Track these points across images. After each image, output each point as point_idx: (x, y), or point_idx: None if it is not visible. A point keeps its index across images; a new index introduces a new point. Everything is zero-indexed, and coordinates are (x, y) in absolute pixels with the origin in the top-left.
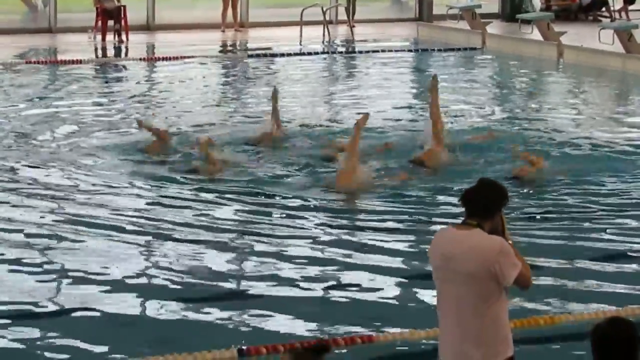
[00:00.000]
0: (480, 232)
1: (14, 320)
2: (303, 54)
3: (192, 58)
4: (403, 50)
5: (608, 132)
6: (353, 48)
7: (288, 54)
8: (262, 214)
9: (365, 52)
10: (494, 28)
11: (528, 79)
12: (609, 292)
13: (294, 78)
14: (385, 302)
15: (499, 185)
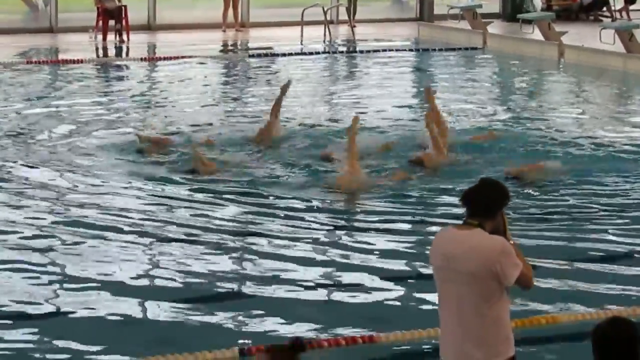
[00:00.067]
0: (482, 232)
1: (13, 322)
2: (304, 54)
3: (192, 58)
4: (404, 50)
5: (609, 132)
6: (354, 48)
7: (289, 54)
8: (262, 215)
9: (366, 52)
10: (495, 28)
11: (529, 79)
12: (610, 292)
13: (295, 78)
14: (386, 302)
15: (501, 185)
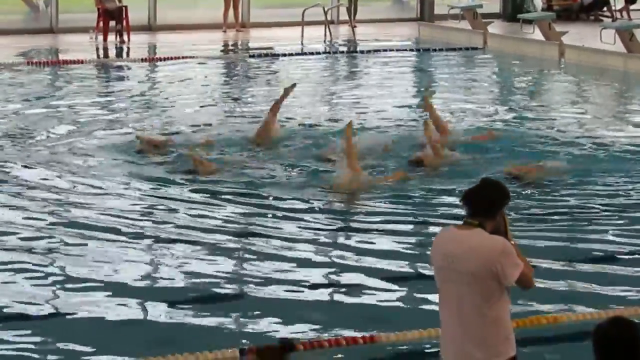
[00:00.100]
0: (482, 232)
1: (13, 324)
2: (304, 54)
3: (193, 58)
4: (404, 50)
5: (610, 132)
6: (354, 48)
7: (289, 54)
8: (262, 216)
9: (367, 52)
10: (496, 28)
11: (529, 79)
12: (611, 292)
13: (296, 78)
14: (386, 303)
15: (501, 185)
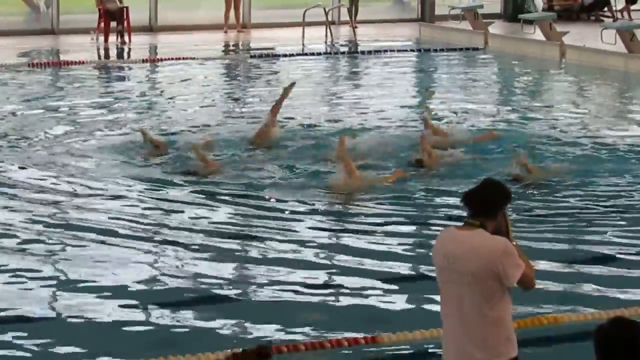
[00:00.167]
0: (483, 232)
1: (12, 326)
2: (305, 55)
3: (194, 59)
4: (405, 51)
5: (611, 132)
6: (355, 48)
7: (290, 55)
8: (262, 217)
9: (368, 52)
10: (496, 28)
11: (530, 79)
12: (612, 292)
13: (296, 78)
14: (387, 303)
15: (502, 185)
